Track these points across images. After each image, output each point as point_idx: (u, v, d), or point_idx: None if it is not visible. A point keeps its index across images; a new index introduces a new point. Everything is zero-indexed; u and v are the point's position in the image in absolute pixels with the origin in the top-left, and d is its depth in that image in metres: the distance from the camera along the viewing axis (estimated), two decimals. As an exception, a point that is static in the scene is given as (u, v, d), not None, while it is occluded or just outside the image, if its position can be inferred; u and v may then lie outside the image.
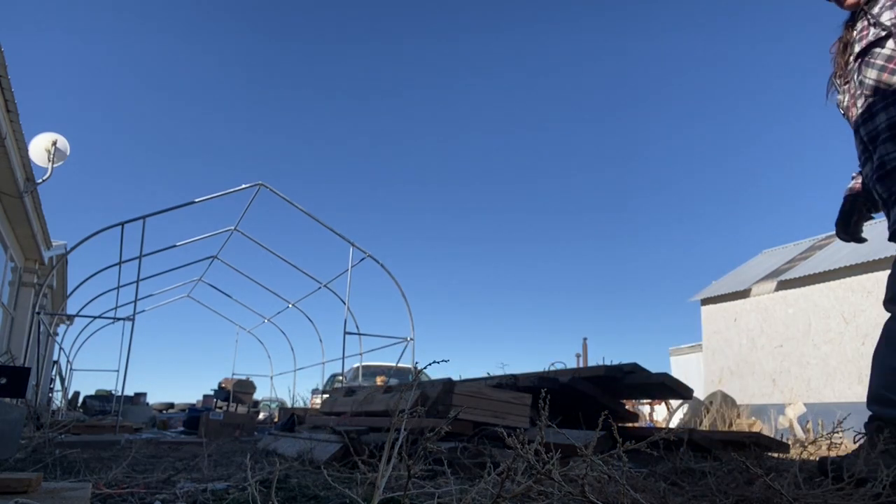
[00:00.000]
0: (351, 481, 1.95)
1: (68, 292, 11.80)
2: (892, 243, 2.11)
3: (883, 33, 2.14)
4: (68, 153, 8.01)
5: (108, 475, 2.12)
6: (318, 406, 9.09)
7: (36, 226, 8.64)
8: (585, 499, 1.03)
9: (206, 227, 13.17)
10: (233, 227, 11.47)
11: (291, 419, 5.89)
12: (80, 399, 15.36)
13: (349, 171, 41.99)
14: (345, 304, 10.76)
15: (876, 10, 2.22)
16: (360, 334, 11.32)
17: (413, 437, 2.46)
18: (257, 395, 15.08)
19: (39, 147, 7.72)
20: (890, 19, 2.14)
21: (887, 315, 2.22)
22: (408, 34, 42.69)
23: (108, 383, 23.20)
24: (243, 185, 9.78)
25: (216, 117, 40.29)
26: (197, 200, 9.39)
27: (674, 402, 10.74)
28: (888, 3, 2.18)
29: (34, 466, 2.60)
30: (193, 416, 9.10)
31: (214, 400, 13.18)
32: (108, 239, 16.17)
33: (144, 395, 14.67)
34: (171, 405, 18.94)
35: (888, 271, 2.25)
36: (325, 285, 12.37)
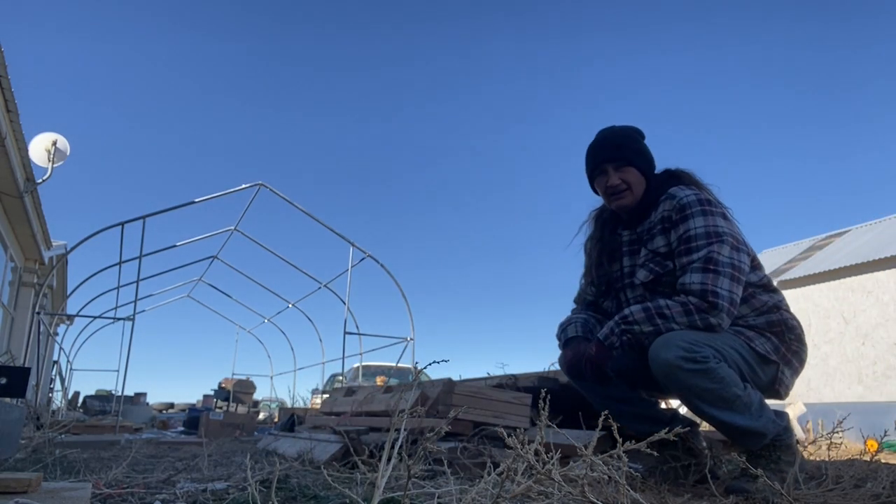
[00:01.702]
0: (351, 481, 1.95)
1: (68, 292, 11.81)
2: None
3: (662, 251, 2.19)
4: (68, 153, 8.01)
5: (108, 475, 2.12)
6: (318, 406, 9.08)
7: (36, 226, 8.64)
8: (585, 499, 1.03)
9: (206, 227, 13.18)
10: (233, 227, 11.48)
11: (291, 419, 5.89)
12: (80, 399, 15.36)
13: (349, 171, 42.00)
14: (345, 304, 10.78)
15: (644, 233, 2.26)
16: (360, 334, 11.34)
17: (413, 437, 2.46)
18: (257, 395, 15.09)
19: (39, 147, 7.71)
20: (661, 246, 2.19)
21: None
22: (408, 34, 42.73)
23: (108, 383, 23.22)
24: (243, 185, 9.80)
25: (216, 117, 40.32)
26: (197, 200, 9.40)
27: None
28: (657, 228, 2.21)
29: (34, 466, 2.60)
30: (193, 416, 9.10)
31: (214, 400, 13.18)
32: (108, 239, 16.21)
33: (144, 395, 14.67)
34: (171, 405, 18.95)
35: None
36: (325, 285, 12.37)
